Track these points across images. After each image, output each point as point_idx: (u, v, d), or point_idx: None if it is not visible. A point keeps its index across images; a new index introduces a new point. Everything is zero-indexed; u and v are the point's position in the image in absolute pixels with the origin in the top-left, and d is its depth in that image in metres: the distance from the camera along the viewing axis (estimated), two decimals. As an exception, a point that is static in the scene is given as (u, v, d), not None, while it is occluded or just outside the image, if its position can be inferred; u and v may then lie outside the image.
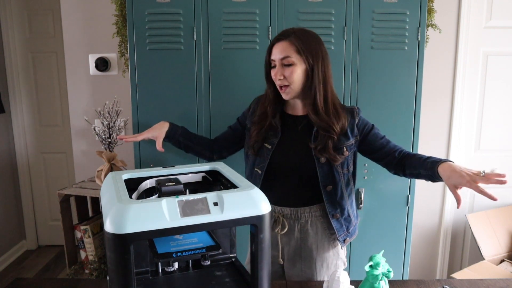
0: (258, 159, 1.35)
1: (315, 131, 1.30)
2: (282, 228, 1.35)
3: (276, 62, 1.27)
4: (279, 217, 1.36)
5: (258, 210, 0.82)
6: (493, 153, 2.42)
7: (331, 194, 1.32)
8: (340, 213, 1.34)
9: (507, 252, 2.29)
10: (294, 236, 1.36)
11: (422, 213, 2.43)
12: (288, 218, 1.36)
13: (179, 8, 1.76)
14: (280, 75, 1.26)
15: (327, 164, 1.30)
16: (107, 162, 1.96)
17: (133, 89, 1.81)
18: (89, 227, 1.91)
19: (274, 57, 1.28)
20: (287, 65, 1.25)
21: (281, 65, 1.26)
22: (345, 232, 1.37)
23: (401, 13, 1.76)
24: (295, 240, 1.36)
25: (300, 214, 1.35)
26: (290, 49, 1.25)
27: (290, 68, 1.25)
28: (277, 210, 1.36)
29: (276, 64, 1.27)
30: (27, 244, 3.33)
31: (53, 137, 3.22)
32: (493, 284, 1.23)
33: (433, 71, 2.29)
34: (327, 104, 1.29)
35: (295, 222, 1.35)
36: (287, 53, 1.25)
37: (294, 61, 1.25)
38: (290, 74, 1.25)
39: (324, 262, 1.37)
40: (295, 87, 1.27)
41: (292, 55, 1.24)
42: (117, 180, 0.92)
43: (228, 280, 0.99)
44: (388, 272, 1.03)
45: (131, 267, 0.75)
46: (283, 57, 1.25)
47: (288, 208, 1.35)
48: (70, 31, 2.30)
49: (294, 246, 1.37)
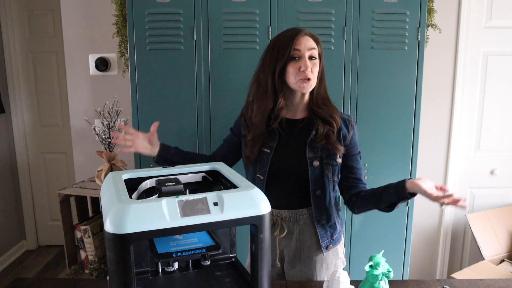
0: (258, 165, 1.34)
1: (314, 130, 1.29)
2: (281, 232, 1.34)
3: (303, 53, 1.24)
4: (277, 220, 1.35)
5: (258, 210, 0.82)
6: (493, 153, 2.42)
7: (319, 199, 1.32)
8: (326, 219, 1.34)
9: (507, 252, 2.29)
10: (293, 238, 1.36)
11: (422, 213, 2.43)
12: (286, 221, 1.35)
13: (179, 8, 1.76)
14: (308, 67, 1.24)
15: (319, 169, 1.30)
16: (107, 162, 1.96)
17: (133, 89, 1.82)
18: (89, 227, 1.91)
19: (301, 48, 1.24)
20: (311, 58, 1.25)
21: (308, 57, 1.25)
22: (329, 238, 1.36)
23: (401, 13, 1.76)
24: (294, 242, 1.36)
25: (298, 216, 1.34)
26: (314, 43, 1.26)
27: (314, 62, 1.26)
28: (275, 213, 1.35)
29: (303, 55, 1.24)
30: (27, 244, 3.33)
31: (53, 137, 3.22)
32: (493, 284, 1.23)
33: (433, 71, 2.29)
34: (327, 96, 1.32)
35: (294, 225, 1.35)
36: (313, 45, 1.25)
37: (317, 54, 1.27)
38: (314, 67, 1.26)
39: (324, 262, 1.36)
40: (314, 80, 1.27)
41: (317, 48, 1.27)
42: (117, 180, 0.92)
43: (228, 280, 0.99)
44: (388, 272, 1.03)
45: (131, 267, 0.75)
46: (310, 47, 1.25)
47: (286, 210, 1.35)
48: (70, 31, 2.30)
49: (294, 248, 1.36)
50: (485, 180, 2.44)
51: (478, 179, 2.44)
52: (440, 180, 2.41)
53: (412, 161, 1.87)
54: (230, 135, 1.49)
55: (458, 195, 1.09)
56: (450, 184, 2.40)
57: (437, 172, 2.40)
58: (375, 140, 1.86)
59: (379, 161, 1.88)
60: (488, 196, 2.44)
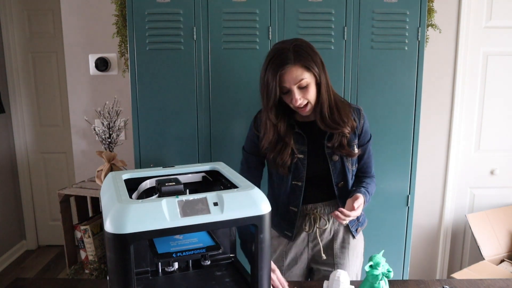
0: (294, 172, 1.37)
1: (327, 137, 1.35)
2: (322, 224, 1.40)
3: (290, 87, 1.25)
4: (315, 213, 1.40)
5: (258, 210, 0.82)
6: (493, 153, 2.42)
7: (342, 189, 1.38)
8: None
9: (507, 252, 2.29)
10: (327, 229, 1.42)
11: (422, 213, 2.43)
12: (323, 214, 1.41)
13: (179, 8, 1.76)
14: (300, 99, 1.26)
15: (339, 162, 1.36)
16: (107, 162, 1.96)
17: (133, 89, 1.81)
18: (89, 227, 1.91)
19: (288, 85, 1.25)
20: (302, 87, 1.26)
21: (297, 88, 1.25)
22: (356, 222, 1.44)
23: (401, 13, 1.76)
24: (327, 233, 1.42)
25: (330, 208, 1.40)
26: (301, 72, 1.23)
27: (306, 88, 1.26)
28: (309, 208, 1.40)
29: (292, 90, 1.25)
30: (27, 244, 3.33)
31: (53, 137, 3.22)
32: (493, 284, 1.23)
33: (433, 71, 2.29)
34: (332, 110, 1.31)
35: (326, 217, 1.41)
36: (300, 76, 1.23)
37: (308, 81, 1.25)
38: (307, 93, 1.26)
39: (354, 250, 1.43)
40: (313, 101, 1.29)
41: (305, 77, 1.24)
42: (117, 180, 0.92)
43: (228, 280, 0.99)
44: (388, 272, 1.03)
45: (131, 267, 0.75)
46: (298, 81, 1.24)
47: (320, 203, 1.41)
48: (70, 31, 2.30)
49: (328, 240, 1.42)
50: (485, 180, 2.44)
51: (478, 179, 2.44)
52: (440, 180, 2.41)
53: (412, 161, 1.87)
54: (249, 155, 1.45)
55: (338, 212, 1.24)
56: (450, 184, 2.40)
57: (437, 172, 2.40)
58: (375, 140, 1.85)
59: (379, 161, 1.87)
60: (488, 196, 2.44)
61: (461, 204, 2.47)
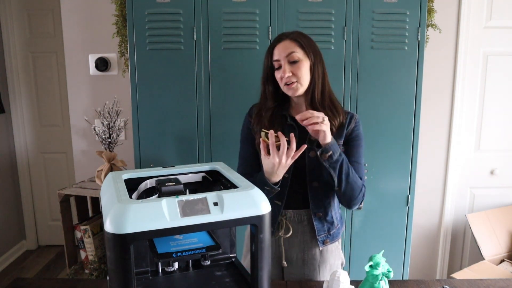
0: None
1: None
2: (286, 232, 1.33)
3: (282, 60, 1.25)
4: (282, 220, 1.33)
5: (258, 210, 0.82)
6: (493, 153, 2.42)
7: (316, 190, 1.30)
8: (323, 213, 1.32)
9: (507, 252, 2.29)
10: (298, 239, 1.34)
11: (422, 213, 2.43)
12: (291, 221, 1.33)
13: (179, 8, 1.76)
14: (288, 72, 1.24)
15: (315, 159, 1.27)
16: (107, 162, 1.96)
17: (133, 89, 1.82)
18: (89, 227, 1.91)
19: (278, 57, 1.25)
20: (292, 62, 1.24)
21: (287, 62, 1.25)
22: (325, 233, 1.34)
23: (401, 13, 1.76)
24: (298, 242, 1.35)
25: (302, 216, 1.33)
26: (294, 45, 1.25)
27: (297, 64, 1.24)
28: (282, 213, 1.33)
29: (282, 63, 1.25)
30: (27, 244, 3.33)
31: (53, 137, 3.22)
32: (493, 284, 1.23)
33: (433, 71, 2.29)
34: (324, 97, 1.29)
35: (298, 225, 1.34)
36: (292, 49, 1.24)
37: (299, 57, 1.24)
38: (297, 70, 1.24)
39: (327, 263, 1.36)
40: (303, 82, 1.26)
41: (297, 51, 1.24)
42: (117, 180, 0.92)
43: (228, 280, 0.99)
44: (388, 272, 1.03)
45: (131, 267, 0.75)
46: (288, 53, 1.24)
47: (291, 210, 1.33)
48: (70, 31, 2.30)
49: (297, 249, 1.35)
50: (485, 180, 2.44)
51: (478, 179, 2.44)
52: (440, 180, 2.41)
53: (412, 161, 1.87)
54: (246, 148, 1.40)
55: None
56: (450, 184, 2.40)
57: (437, 172, 2.40)
58: (375, 140, 1.86)
59: (379, 161, 1.88)
60: (488, 196, 2.44)
61: (461, 204, 2.47)
